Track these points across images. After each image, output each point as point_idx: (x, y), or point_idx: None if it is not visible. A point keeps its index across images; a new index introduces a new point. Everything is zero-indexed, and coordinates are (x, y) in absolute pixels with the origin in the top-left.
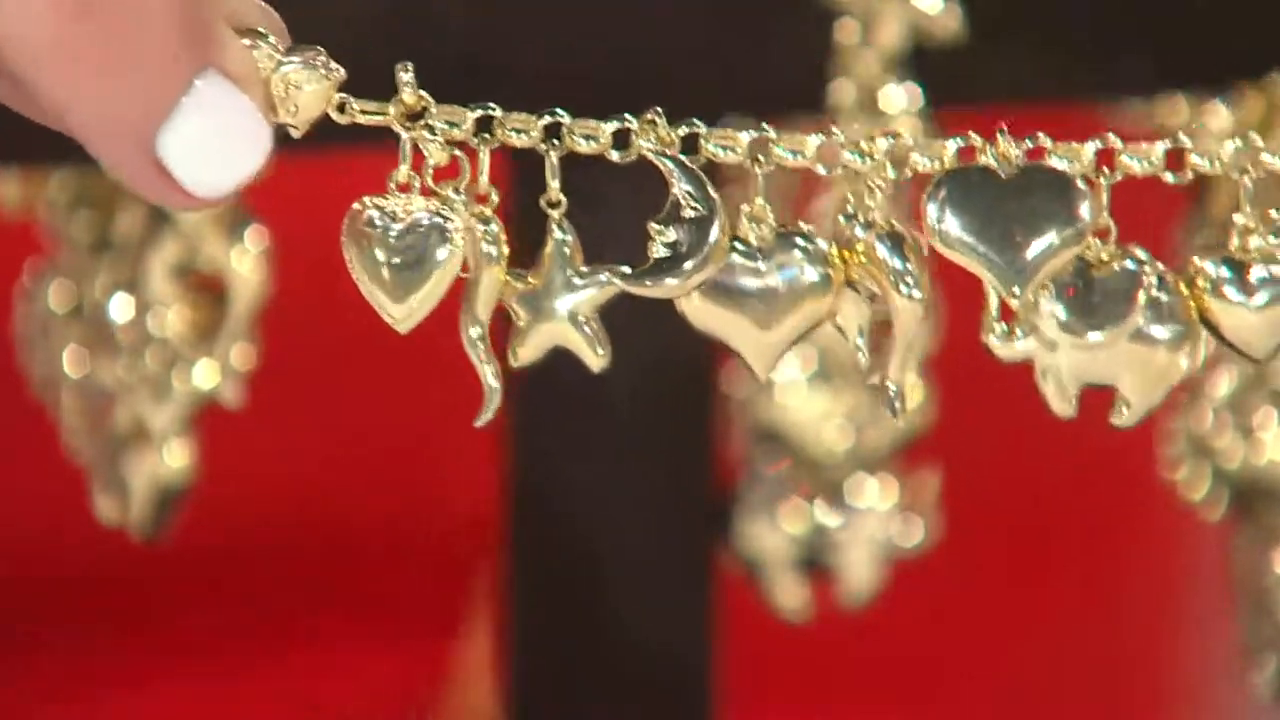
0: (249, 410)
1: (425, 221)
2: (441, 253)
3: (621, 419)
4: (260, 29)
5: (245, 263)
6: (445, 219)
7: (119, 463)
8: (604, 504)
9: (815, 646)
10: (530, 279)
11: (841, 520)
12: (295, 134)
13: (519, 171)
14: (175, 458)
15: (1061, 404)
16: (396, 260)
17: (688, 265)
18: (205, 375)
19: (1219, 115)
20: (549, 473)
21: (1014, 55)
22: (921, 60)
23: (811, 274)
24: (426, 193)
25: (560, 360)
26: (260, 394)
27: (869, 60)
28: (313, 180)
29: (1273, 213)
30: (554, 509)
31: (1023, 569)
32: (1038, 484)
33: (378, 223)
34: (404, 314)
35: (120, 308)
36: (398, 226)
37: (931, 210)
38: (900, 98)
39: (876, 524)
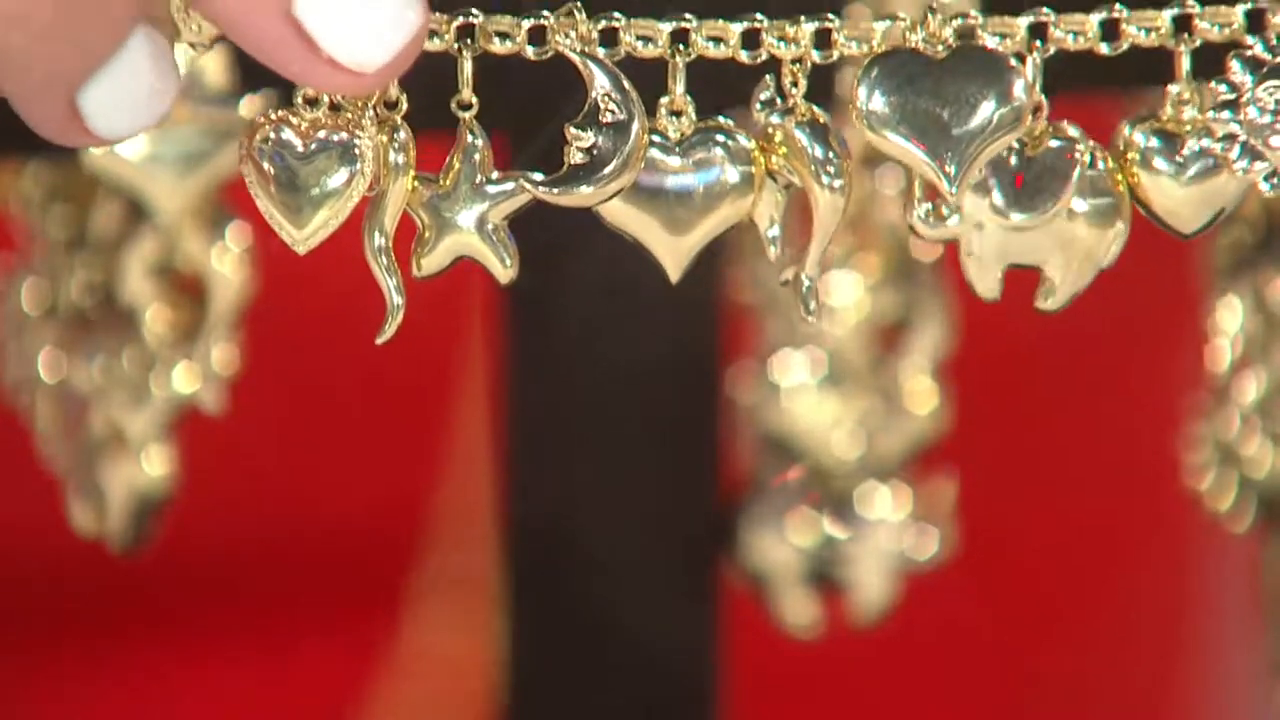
0: (231, 414)
1: (330, 139)
2: (344, 173)
3: (623, 425)
4: None
5: (226, 262)
6: (352, 135)
7: (95, 470)
8: (604, 514)
9: (824, 664)
10: (438, 185)
11: (852, 532)
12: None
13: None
14: (154, 465)
15: (986, 286)
16: (298, 180)
17: (605, 172)
18: (184, 379)
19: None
20: (547, 483)
21: None
22: None
23: (733, 174)
24: (333, 106)
25: (560, 364)
26: (243, 398)
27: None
28: None
29: (1211, 84)
30: (553, 519)
31: (1042, 582)
32: (1057, 493)
33: (278, 138)
34: (304, 236)
35: (96, 308)
36: (301, 144)
37: (861, 93)
38: None
39: (889, 536)
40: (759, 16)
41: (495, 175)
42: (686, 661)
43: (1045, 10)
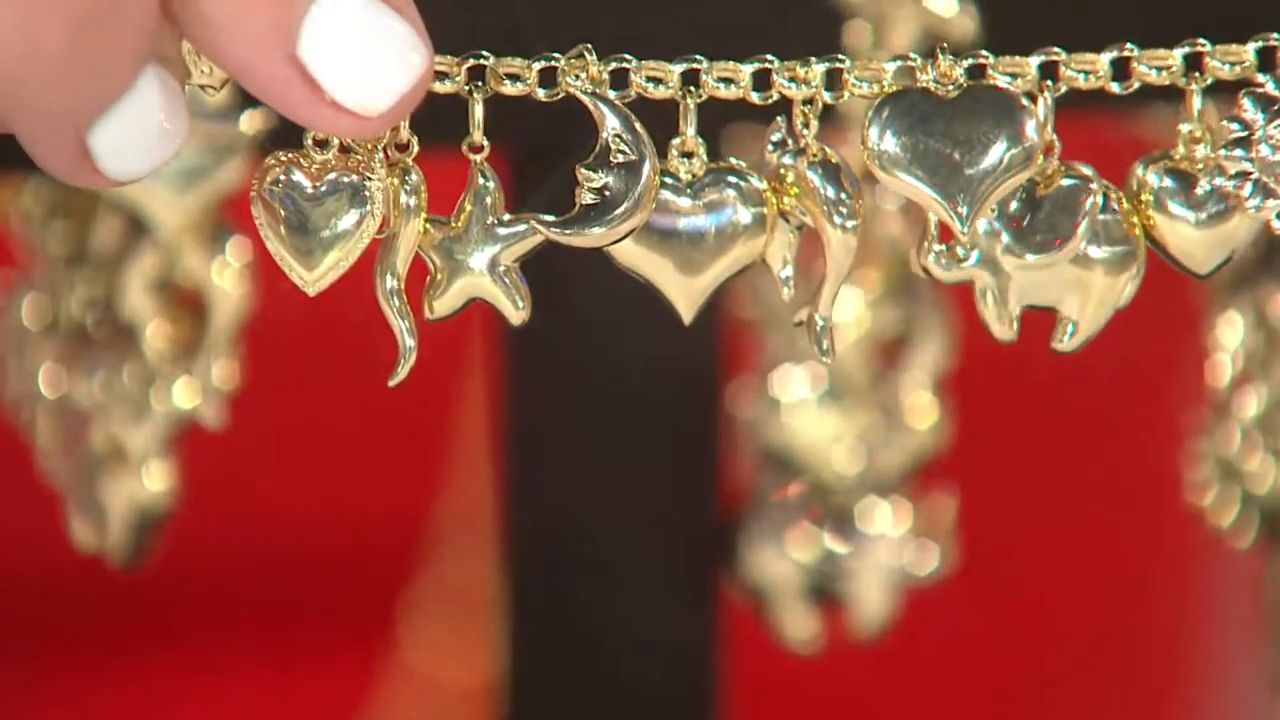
0: (231, 429)
1: (340, 181)
2: (354, 215)
3: (623, 440)
4: None
5: (226, 277)
6: (362, 177)
7: (96, 485)
8: (605, 528)
9: (824, 679)
10: (450, 227)
11: (852, 547)
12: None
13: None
14: (154, 480)
15: (1002, 328)
16: (308, 222)
17: (616, 213)
18: (185, 394)
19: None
20: (547, 497)
21: None
22: None
23: (745, 215)
24: (344, 149)
25: (559, 379)
26: (243, 413)
27: None
28: None
29: (1223, 122)
30: (553, 533)
31: (1042, 598)
32: (1057, 508)
33: (288, 180)
34: (314, 278)
35: (97, 324)
36: (311, 186)
37: (873, 133)
38: None
39: (889, 551)
40: (769, 57)
41: (506, 217)
42: (687, 676)
43: (1056, 49)
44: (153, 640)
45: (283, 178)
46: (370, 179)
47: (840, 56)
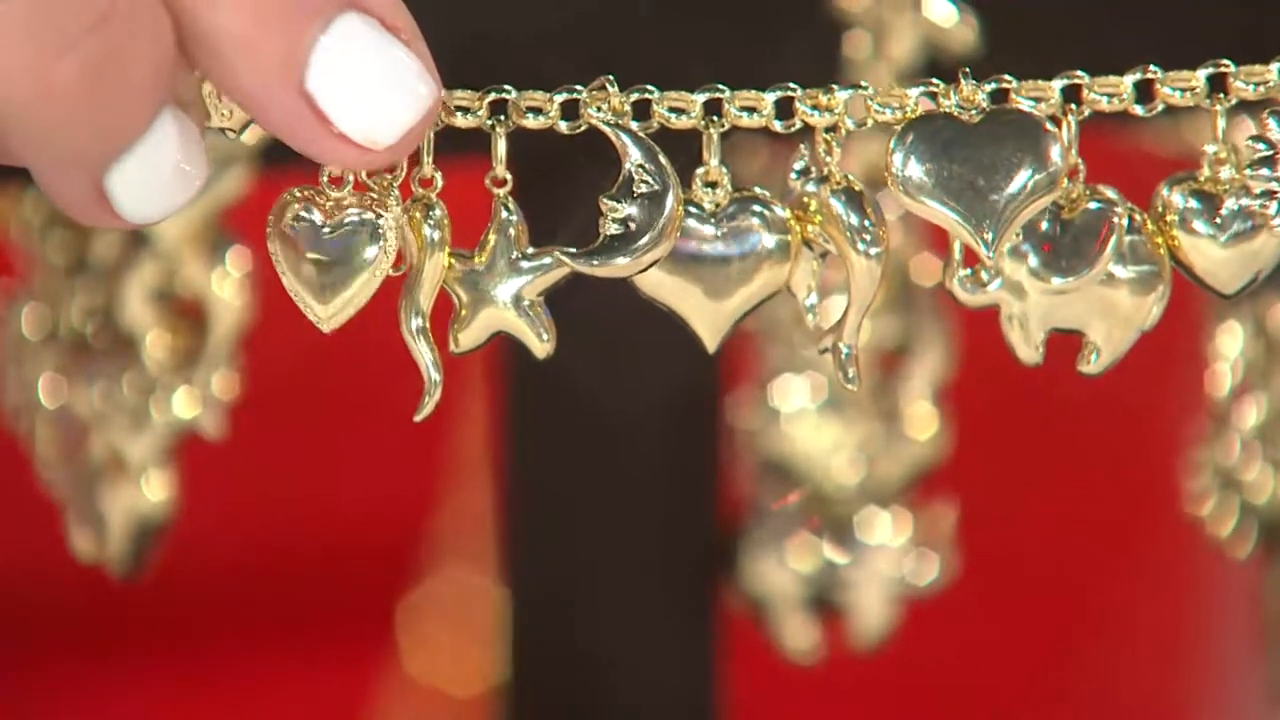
0: (231, 439)
1: (355, 218)
2: (370, 252)
3: (623, 450)
4: None
5: (226, 287)
6: (377, 215)
7: (95, 495)
8: (604, 538)
9: (824, 689)
10: (474, 260)
11: (852, 557)
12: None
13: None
14: (154, 490)
15: (1028, 351)
16: (323, 258)
17: (640, 243)
18: (184, 404)
19: (1250, 131)
20: (547, 506)
21: (1032, 70)
22: (936, 74)
23: (769, 241)
24: (360, 186)
25: (559, 389)
26: (244, 423)
27: (880, 74)
28: None
29: (1247, 142)
30: (552, 544)
31: (1041, 607)
32: (1057, 518)
33: (304, 217)
34: (329, 314)
35: (96, 333)
36: (326, 222)
37: (897, 159)
38: None
39: (889, 561)
40: (792, 85)
41: (530, 250)
42: (686, 685)
43: (1079, 72)
44: (151, 651)
45: (300, 214)
46: (385, 216)
47: (864, 84)
